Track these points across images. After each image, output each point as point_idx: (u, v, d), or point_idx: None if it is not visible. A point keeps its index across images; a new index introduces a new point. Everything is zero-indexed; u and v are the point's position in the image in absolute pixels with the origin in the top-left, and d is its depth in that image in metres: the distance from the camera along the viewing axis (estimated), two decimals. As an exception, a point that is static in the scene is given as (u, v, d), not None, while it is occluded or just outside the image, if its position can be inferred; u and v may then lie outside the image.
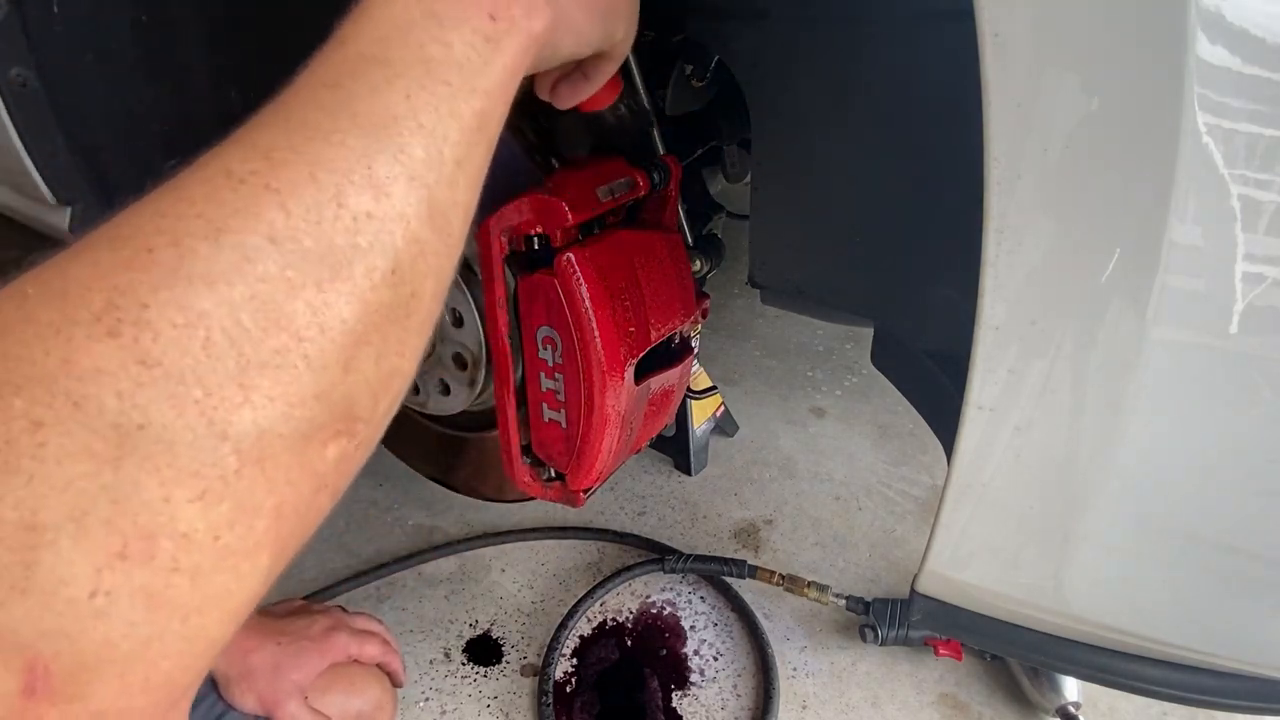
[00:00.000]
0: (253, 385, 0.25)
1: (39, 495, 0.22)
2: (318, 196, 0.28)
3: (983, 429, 0.60)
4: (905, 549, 1.45)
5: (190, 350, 0.24)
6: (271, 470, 0.26)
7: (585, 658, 1.23)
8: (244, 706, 0.68)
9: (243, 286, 0.25)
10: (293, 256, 0.27)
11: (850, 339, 2.11)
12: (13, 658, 0.22)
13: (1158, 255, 0.49)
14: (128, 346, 0.24)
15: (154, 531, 0.23)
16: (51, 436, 0.22)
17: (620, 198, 0.79)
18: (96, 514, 0.23)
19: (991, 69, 0.48)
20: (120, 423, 0.23)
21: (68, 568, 0.22)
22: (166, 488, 0.24)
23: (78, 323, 0.24)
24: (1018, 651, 0.74)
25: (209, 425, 0.24)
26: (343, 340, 0.28)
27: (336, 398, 0.28)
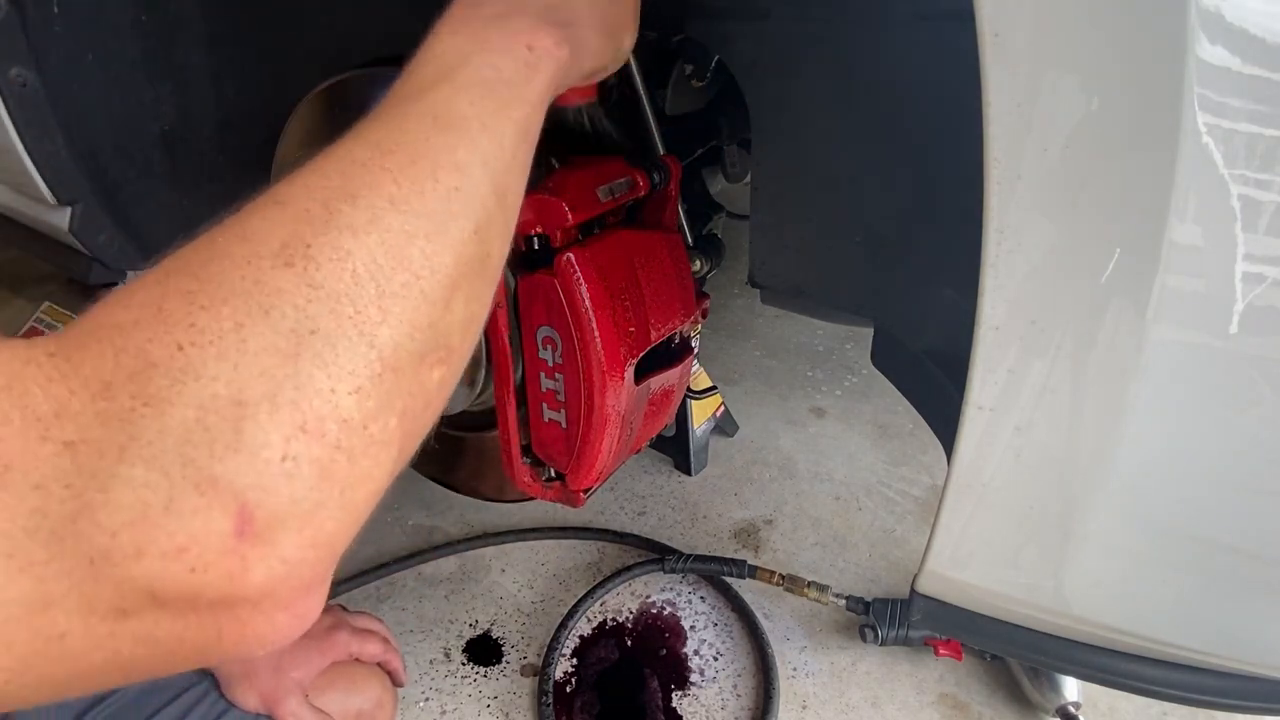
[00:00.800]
0: (388, 308, 0.33)
1: (244, 378, 0.29)
2: (419, 174, 0.37)
3: (983, 429, 0.60)
4: (905, 549, 1.45)
5: (343, 278, 0.32)
6: (401, 379, 0.33)
7: (585, 658, 1.23)
8: (245, 704, 0.68)
9: (375, 234, 0.34)
10: (407, 215, 0.35)
11: (850, 339, 2.11)
12: (229, 502, 0.27)
13: (1158, 255, 0.49)
14: (300, 274, 0.31)
15: (324, 414, 0.30)
16: (250, 335, 0.29)
17: (620, 198, 0.79)
18: (284, 396, 0.29)
19: (991, 69, 0.48)
20: (297, 328, 0.30)
21: (265, 435, 0.28)
22: (332, 380, 0.31)
23: (263, 256, 0.32)
24: (1018, 651, 0.74)
25: (360, 334, 0.32)
26: (445, 281, 0.36)
27: (441, 329, 0.36)
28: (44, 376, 0.27)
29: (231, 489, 0.28)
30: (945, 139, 0.69)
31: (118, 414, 0.27)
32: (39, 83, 0.91)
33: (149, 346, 0.28)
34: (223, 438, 0.28)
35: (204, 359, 0.28)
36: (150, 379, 0.27)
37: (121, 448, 0.27)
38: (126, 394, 0.27)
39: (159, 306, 0.29)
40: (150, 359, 0.28)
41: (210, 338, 0.29)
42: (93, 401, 0.27)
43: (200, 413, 0.28)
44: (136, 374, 0.27)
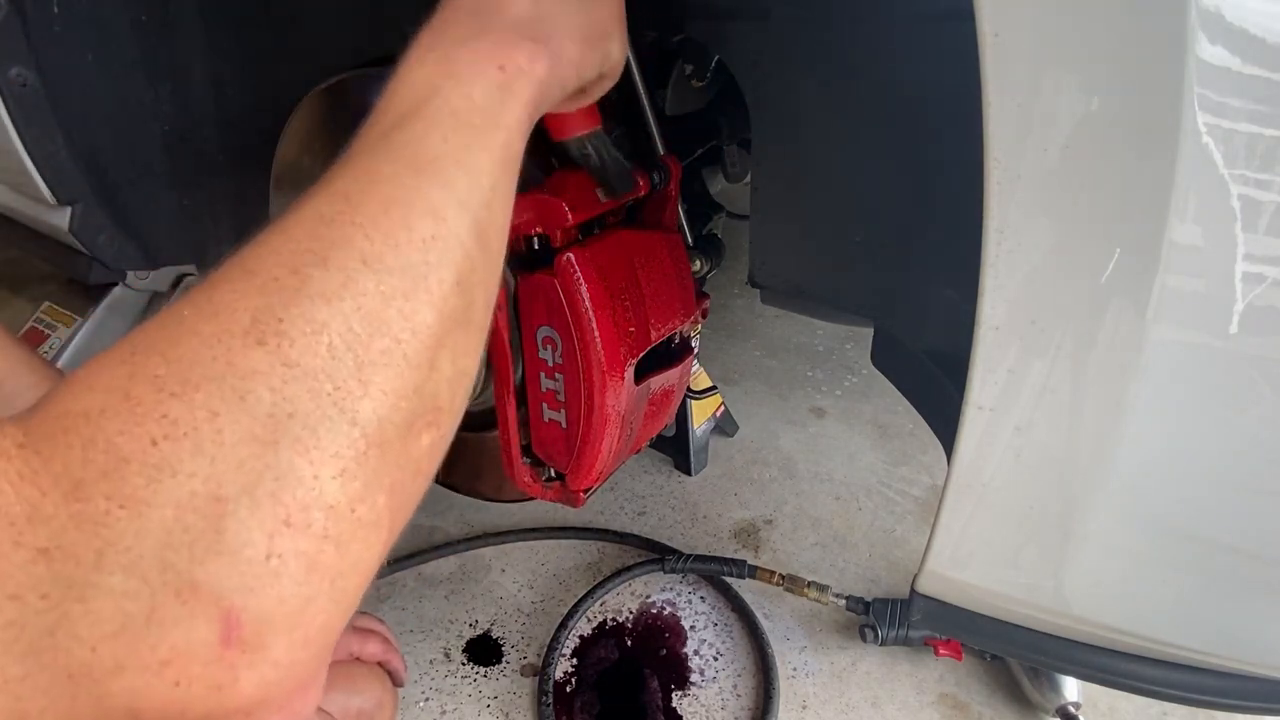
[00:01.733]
0: (369, 380, 0.31)
1: (222, 472, 0.27)
2: (391, 225, 0.34)
3: (983, 429, 0.60)
4: (905, 549, 1.45)
5: (319, 353, 0.30)
6: (387, 454, 0.32)
7: (585, 658, 1.23)
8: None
9: (350, 300, 0.32)
10: (382, 274, 0.33)
11: (850, 339, 2.11)
12: (213, 609, 0.26)
13: (1158, 255, 0.49)
14: (273, 352, 0.29)
15: (308, 504, 0.28)
16: (226, 425, 0.27)
17: (620, 198, 0.79)
18: (264, 488, 0.27)
19: (991, 69, 0.48)
20: (274, 413, 0.28)
21: (247, 533, 0.27)
22: (314, 466, 0.29)
23: (234, 334, 0.29)
24: (1018, 651, 0.74)
25: (341, 412, 0.30)
26: (429, 341, 0.34)
27: (427, 392, 0.34)
28: (14, 473, 0.25)
29: (215, 595, 0.26)
30: (945, 139, 0.69)
31: (92, 517, 0.25)
32: (39, 83, 0.91)
33: (119, 440, 0.26)
34: (203, 539, 0.26)
35: (179, 454, 0.27)
36: (124, 478, 0.26)
37: (99, 553, 0.25)
38: (100, 494, 0.26)
39: (126, 393, 0.27)
40: (122, 454, 0.26)
41: (184, 429, 0.27)
42: (65, 503, 0.25)
43: (178, 512, 0.26)
44: (109, 472, 0.26)
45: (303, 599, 0.28)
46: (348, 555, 0.30)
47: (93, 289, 1.15)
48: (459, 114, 0.40)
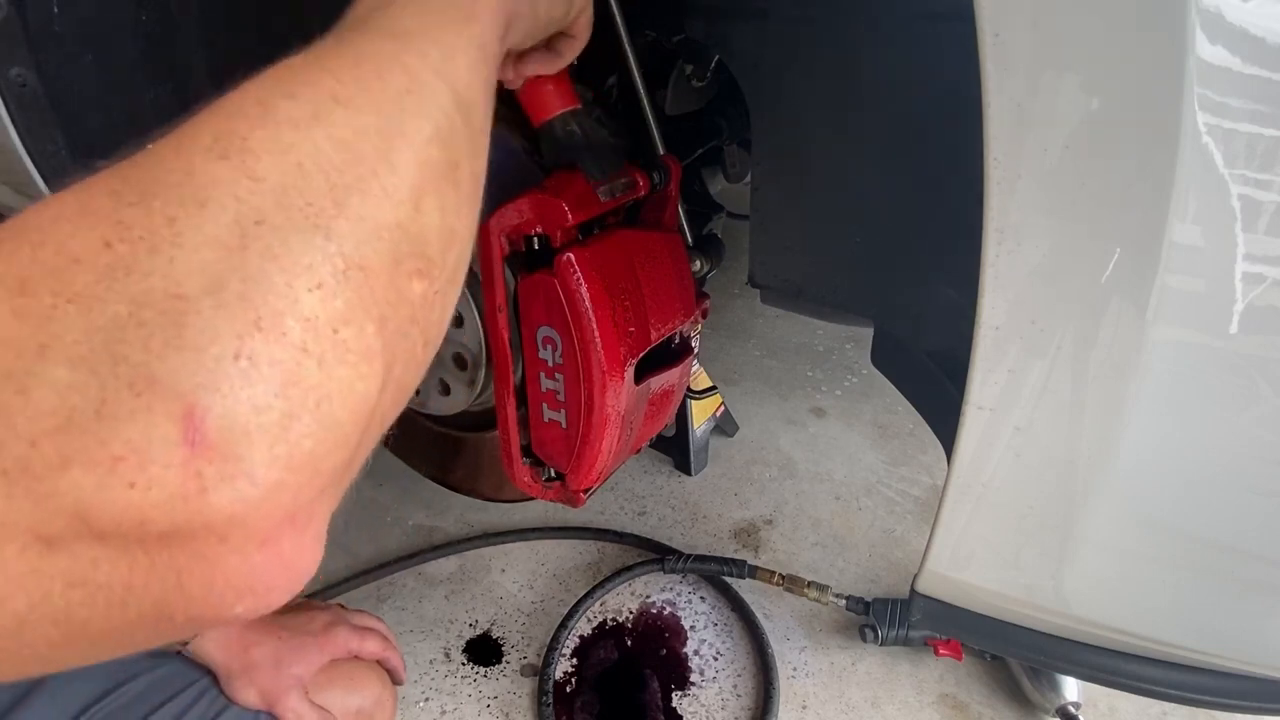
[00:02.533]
0: (344, 202, 0.30)
1: (181, 272, 0.25)
2: (363, 75, 0.34)
3: (983, 429, 0.60)
4: (905, 549, 1.45)
5: (287, 170, 0.29)
6: (372, 281, 0.30)
7: (585, 658, 1.23)
8: (245, 701, 0.68)
9: (319, 129, 0.31)
10: (354, 112, 0.32)
11: (850, 339, 2.11)
12: (172, 403, 0.23)
13: (1158, 255, 0.49)
14: (237, 166, 0.28)
15: (281, 310, 0.26)
16: (185, 229, 0.26)
17: (620, 198, 0.79)
18: (231, 289, 0.26)
19: (991, 69, 0.48)
20: (239, 219, 0.27)
21: (213, 330, 0.25)
22: (287, 275, 0.27)
23: (195, 150, 0.28)
24: (1018, 651, 0.74)
25: (314, 226, 0.28)
26: (410, 180, 0.33)
27: (414, 232, 0.33)
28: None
29: (174, 389, 0.23)
30: (945, 139, 0.69)
31: (36, 311, 0.23)
32: (39, 83, 0.91)
33: (71, 242, 0.25)
34: (161, 333, 0.24)
35: (135, 254, 0.25)
36: (74, 275, 0.24)
37: (42, 346, 0.23)
38: (47, 290, 0.24)
39: (82, 204, 0.26)
40: (73, 254, 0.24)
41: (140, 233, 0.25)
42: (8, 298, 0.23)
43: (134, 308, 0.24)
44: (58, 270, 0.24)
45: (282, 413, 0.26)
46: (334, 376, 0.28)
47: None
48: (428, 5, 0.39)
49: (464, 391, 0.91)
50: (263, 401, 0.25)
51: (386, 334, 0.30)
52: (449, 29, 0.39)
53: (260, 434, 0.25)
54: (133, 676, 0.67)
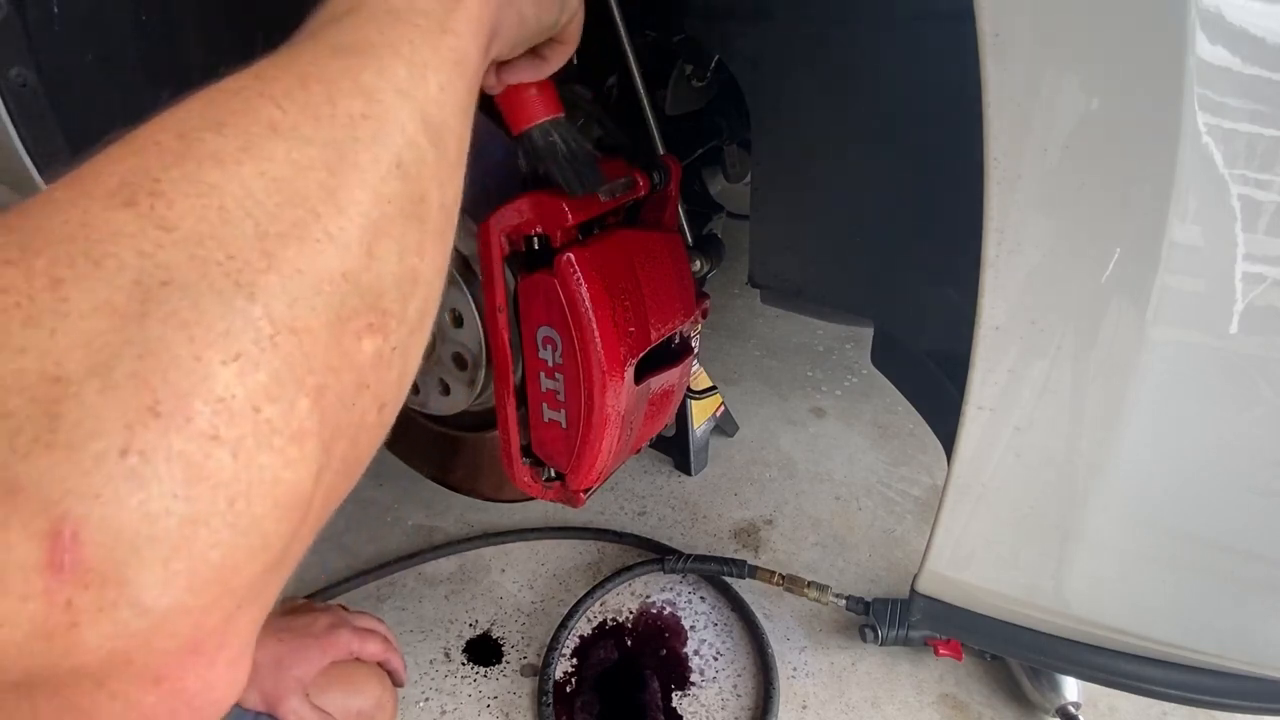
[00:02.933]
0: (275, 253, 0.25)
1: (62, 348, 0.21)
2: (310, 99, 0.29)
3: (983, 429, 0.60)
4: (905, 549, 1.45)
5: (206, 217, 0.24)
6: (308, 345, 0.25)
7: (585, 658, 1.23)
8: (246, 703, 0.68)
9: (249, 166, 0.26)
10: (295, 143, 0.27)
11: (850, 339, 2.11)
12: (35, 517, 0.19)
13: (1158, 255, 0.49)
14: (145, 214, 0.23)
15: (187, 391, 0.22)
16: (72, 293, 0.21)
17: (620, 198, 0.79)
18: (122, 368, 0.21)
19: (991, 69, 0.48)
20: (142, 279, 0.22)
21: (95, 421, 0.20)
22: (196, 346, 0.22)
23: (94, 197, 0.24)
24: (1018, 651, 0.74)
25: (236, 286, 0.24)
26: (361, 222, 0.28)
27: (365, 283, 0.28)
28: None
29: (41, 498, 0.19)
30: (945, 139, 0.68)
31: None
32: (39, 83, 0.91)
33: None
34: (30, 426, 0.19)
35: (6, 326, 0.20)
36: None
37: None
38: None
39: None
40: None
41: (15, 299, 0.21)
42: None
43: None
44: None
45: (182, 519, 0.21)
46: (253, 468, 0.23)
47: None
48: (398, 13, 0.34)
49: (464, 391, 0.91)
50: (156, 507, 0.21)
51: (325, 407, 0.26)
52: (420, 42, 0.34)
53: (151, 548, 0.20)
54: None
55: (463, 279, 0.82)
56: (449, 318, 0.85)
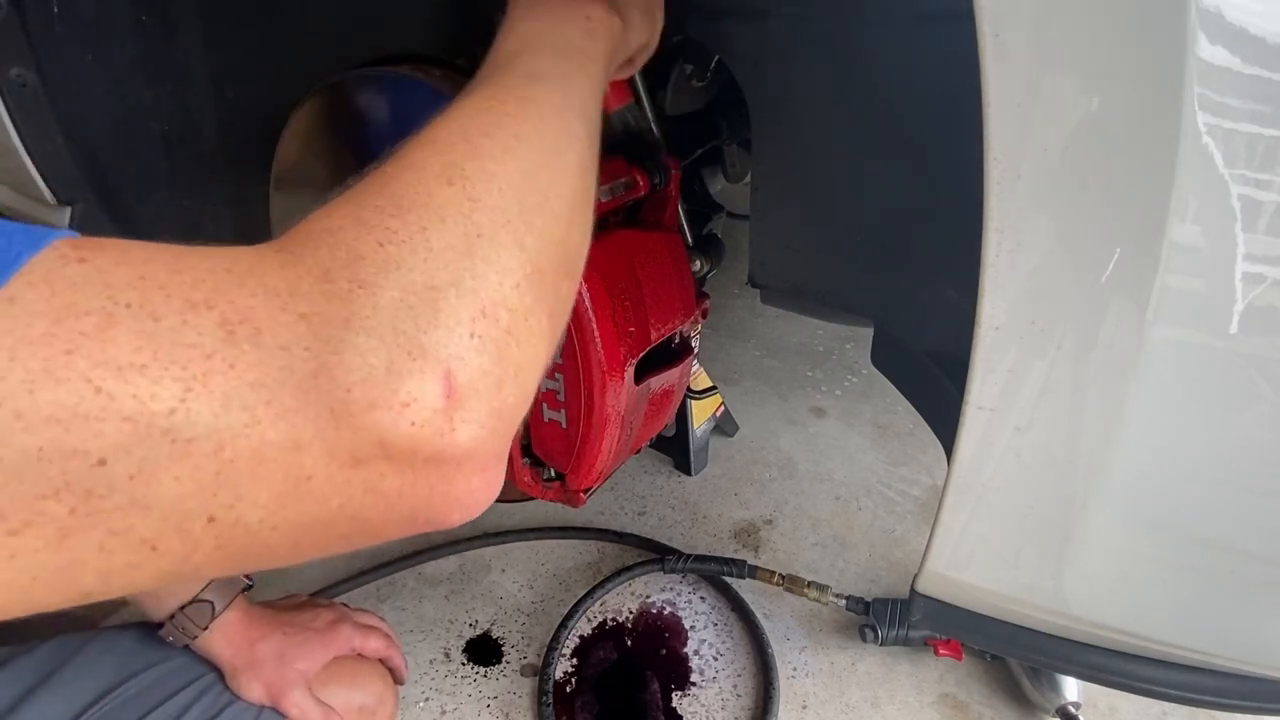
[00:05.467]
0: (530, 221, 0.39)
1: (433, 269, 0.34)
2: (533, 116, 0.43)
3: (983, 429, 0.60)
4: (905, 549, 1.45)
5: (494, 194, 0.38)
6: (546, 282, 0.39)
7: (585, 658, 1.23)
8: (250, 696, 0.69)
9: (511, 161, 0.40)
10: (530, 149, 0.42)
11: (850, 339, 2.11)
12: (438, 367, 0.32)
13: (1158, 255, 0.49)
14: (460, 191, 0.37)
15: (497, 301, 0.36)
16: (433, 236, 0.35)
17: (620, 198, 0.79)
18: (465, 284, 0.35)
19: (991, 69, 0.48)
20: (466, 232, 0.36)
21: (457, 314, 0.34)
22: (499, 275, 0.36)
23: (428, 178, 0.37)
24: (1018, 651, 0.74)
25: (514, 240, 0.38)
26: (566, 203, 0.42)
27: (568, 246, 0.42)
28: (278, 263, 0.32)
29: (438, 357, 0.32)
30: (945, 139, 0.69)
31: (339, 293, 0.32)
32: (39, 83, 0.91)
33: (356, 243, 0.33)
34: (425, 314, 0.33)
35: (400, 254, 0.34)
36: (361, 267, 0.33)
37: (346, 320, 0.31)
38: (344, 278, 0.32)
39: (357, 216, 0.35)
40: (358, 252, 0.33)
41: (403, 237, 0.34)
42: (317, 283, 0.32)
43: (403, 294, 0.33)
44: (349, 263, 0.33)
45: (496, 378, 0.35)
46: (525, 352, 0.37)
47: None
48: (559, 49, 0.50)
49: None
50: (487, 368, 0.34)
51: (552, 322, 0.40)
52: (574, 72, 0.50)
53: (484, 391, 0.34)
54: (138, 671, 0.67)
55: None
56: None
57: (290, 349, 0.30)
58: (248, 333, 0.29)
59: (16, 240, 0.28)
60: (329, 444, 0.30)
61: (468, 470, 0.34)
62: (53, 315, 0.27)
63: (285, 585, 1.27)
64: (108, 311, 0.27)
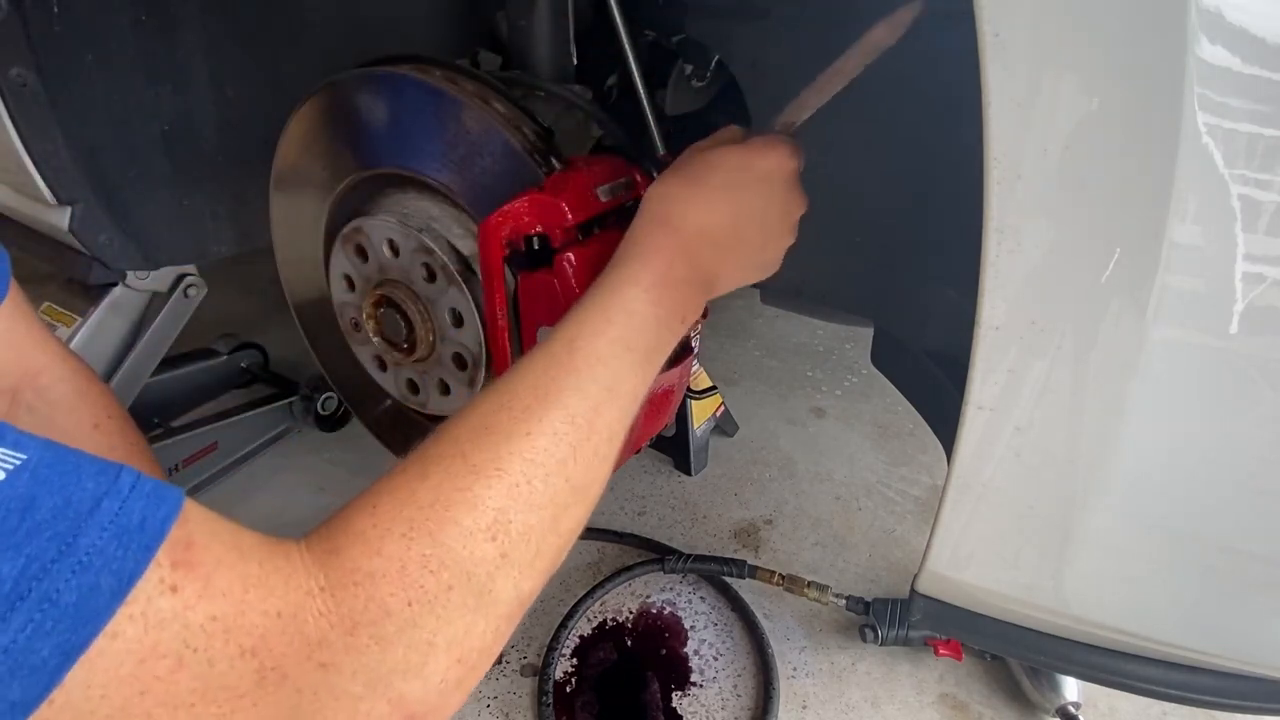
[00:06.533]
0: (536, 566, 0.46)
1: (440, 627, 0.40)
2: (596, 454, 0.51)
3: (983, 429, 0.60)
4: (905, 549, 1.45)
5: (523, 550, 0.44)
6: (517, 614, 0.47)
7: (585, 658, 1.23)
8: None
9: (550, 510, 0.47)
10: (576, 494, 0.49)
11: (850, 339, 2.11)
12: (406, 710, 0.39)
13: (1158, 255, 0.49)
14: (499, 547, 0.43)
15: (475, 648, 0.42)
16: (455, 597, 0.41)
17: (620, 198, 0.79)
18: (459, 641, 0.41)
19: (991, 69, 0.48)
20: (481, 590, 0.42)
21: (439, 668, 0.41)
22: (488, 624, 0.43)
23: (477, 531, 0.42)
24: (1018, 651, 0.74)
25: (516, 592, 0.45)
26: (568, 543, 0.50)
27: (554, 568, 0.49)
28: (316, 610, 0.37)
29: (407, 706, 0.39)
30: (945, 139, 0.69)
31: (356, 647, 0.37)
32: (39, 83, 0.91)
33: (390, 600, 0.38)
34: (414, 668, 0.39)
35: (421, 614, 0.39)
36: (384, 625, 0.38)
37: (353, 671, 0.37)
38: (366, 634, 0.38)
39: (403, 566, 0.39)
40: (388, 609, 0.38)
41: (431, 595, 0.40)
42: (343, 636, 0.37)
43: (407, 651, 0.39)
44: (376, 620, 0.38)
45: (451, 705, 0.42)
46: (478, 675, 0.44)
47: (93, 289, 1.15)
48: (647, 346, 0.56)
49: (464, 391, 0.91)
50: (443, 703, 0.42)
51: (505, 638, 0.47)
52: (638, 377, 0.55)
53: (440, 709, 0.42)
54: None
55: (463, 279, 0.82)
56: (449, 318, 0.85)
57: (303, 692, 0.36)
58: (276, 678, 0.35)
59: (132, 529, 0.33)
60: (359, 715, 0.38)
61: None
62: (139, 655, 0.32)
63: (285, 585, 1.27)
64: (179, 656, 0.33)
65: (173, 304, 1.22)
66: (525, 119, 0.80)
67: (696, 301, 0.61)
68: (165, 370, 1.46)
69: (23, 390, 0.69)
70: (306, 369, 1.67)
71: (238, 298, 2.12)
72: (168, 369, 1.50)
